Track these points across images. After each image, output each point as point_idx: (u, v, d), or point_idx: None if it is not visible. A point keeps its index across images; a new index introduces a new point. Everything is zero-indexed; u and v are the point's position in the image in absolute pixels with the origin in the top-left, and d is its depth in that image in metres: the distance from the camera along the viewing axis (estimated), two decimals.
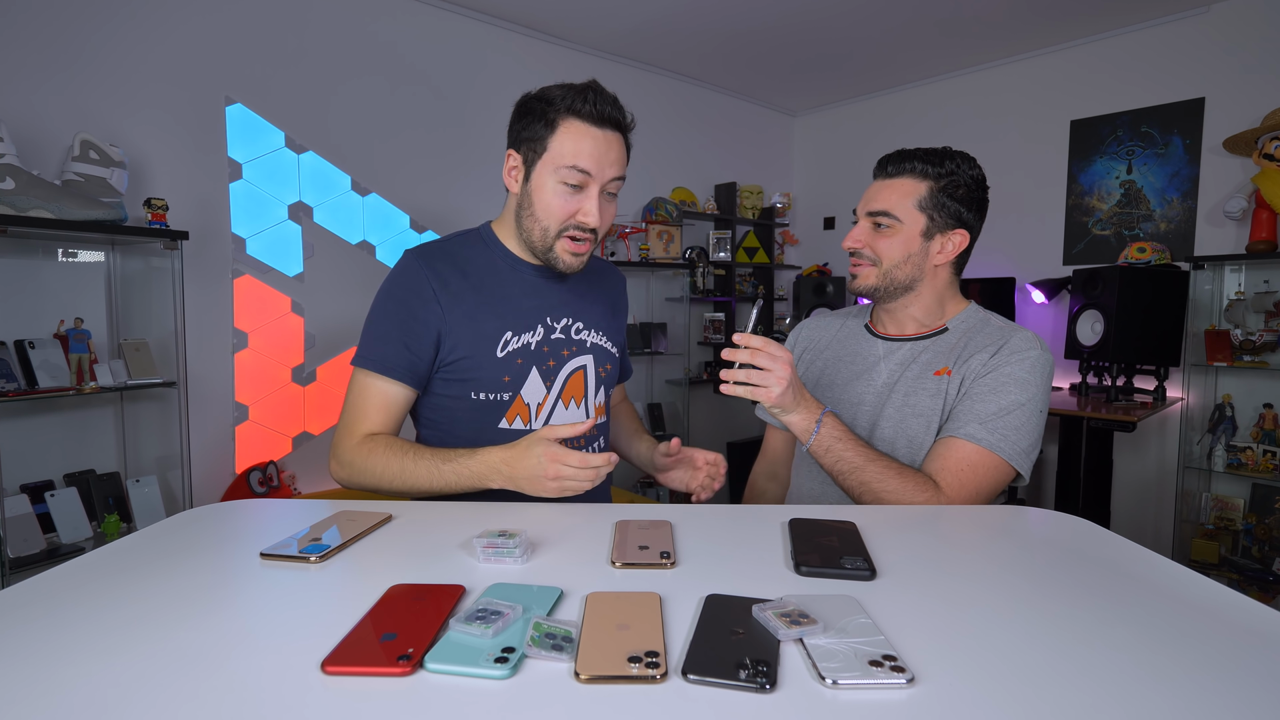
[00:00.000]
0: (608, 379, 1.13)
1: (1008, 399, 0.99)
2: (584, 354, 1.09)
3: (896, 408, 1.08)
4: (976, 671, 0.49)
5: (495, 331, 1.01)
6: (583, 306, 1.11)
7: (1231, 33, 2.82)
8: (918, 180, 1.07)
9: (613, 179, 0.99)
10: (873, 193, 1.11)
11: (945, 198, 1.07)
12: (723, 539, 0.77)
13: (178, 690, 0.45)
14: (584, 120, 0.96)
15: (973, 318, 1.13)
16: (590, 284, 1.16)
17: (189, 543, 0.75)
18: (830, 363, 1.21)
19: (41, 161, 1.96)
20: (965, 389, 1.03)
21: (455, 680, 0.47)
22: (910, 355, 1.12)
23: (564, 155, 0.96)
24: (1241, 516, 2.72)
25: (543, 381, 1.04)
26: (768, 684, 0.46)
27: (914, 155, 1.08)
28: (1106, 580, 0.66)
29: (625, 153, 1.02)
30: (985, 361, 1.03)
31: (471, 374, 1.01)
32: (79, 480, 2.03)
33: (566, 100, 0.96)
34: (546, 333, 1.05)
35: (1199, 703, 0.45)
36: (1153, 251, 2.88)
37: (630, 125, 1.02)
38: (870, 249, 1.10)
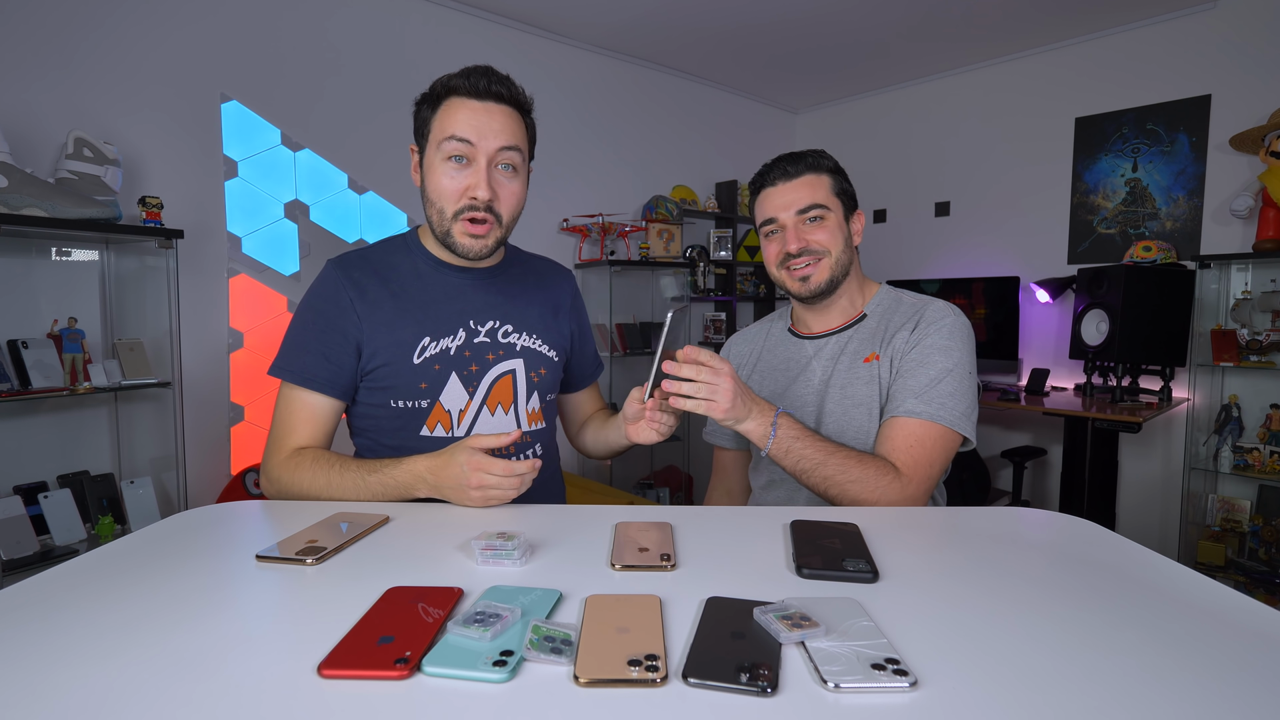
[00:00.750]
0: (542, 384, 1.09)
1: (935, 369, 1.03)
2: (512, 358, 1.06)
3: (836, 401, 1.11)
4: (980, 675, 0.48)
5: (412, 338, 1.00)
6: (513, 309, 1.08)
7: (1238, 29, 2.82)
8: (819, 173, 1.12)
9: (501, 148, 0.95)
10: (789, 193, 1.12)
11: (843, 181, 1.15)
12: (723, 541, 0.77)
13: (173, 694, 0.45)
14: (462, 95, 0.95)
15: (886, 299, 1.17)
16: (526, 285, 1.13)
17: (184, 545, 0.75)
18: (765, 374, 1.23)
19: (35, 159, 1.96)
20: (895, 368, 1.07)
21: (453, 684, 0.47)
22: (838, 348, 1.16)
23: (444, 128, 0.95)
24: (1248, 518, 2.72)
25: (464, 387, 1.01)
26: (769, 688, 0.46)
27: (800, 156, 1.13)
28: (1111, 583, 0.66)
29: (518, 126, 0.98)
30: (907, 338, 1.08)
31: (389, 381, 1.00)
32: (73, 482, 2.03)
33: (445, 80, 0.96)
34: (469, 337, 1.03)
35: (1205, 707, 0.45)
36: (1158, 250, 2.88)
37: (524, 101, 0.99)
38: (815, 243, 1.11)
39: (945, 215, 3.79)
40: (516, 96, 0.98)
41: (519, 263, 1.16)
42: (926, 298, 1.14)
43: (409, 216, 2.81)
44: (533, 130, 1.02)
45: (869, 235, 4.13)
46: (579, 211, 3.32)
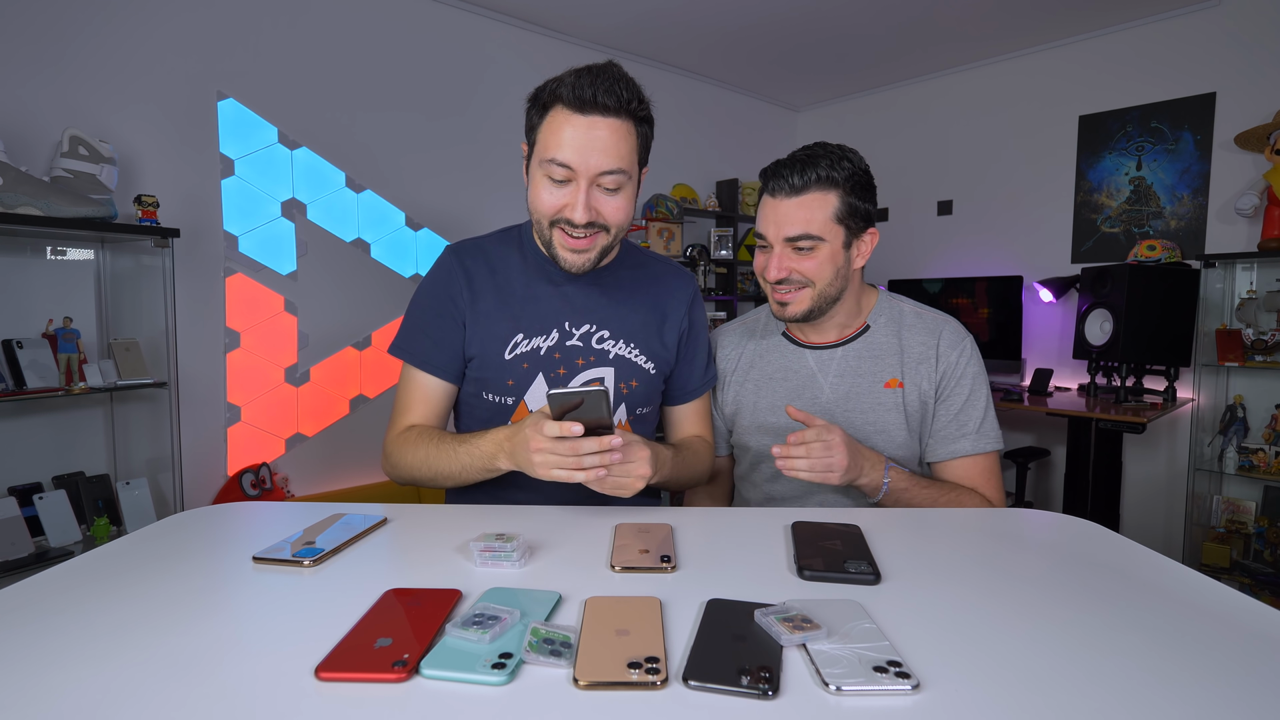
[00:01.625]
0: (633, 396, 1.05)
1: (980, 401, 1.09)
2: (603, 366, 1.03)
3: (855, 427, 1.10)
4: (983, 677, 0.49)
5: (506, 333, 1.01)
6: (613, 314, 1.04)
7: (1243, 26, 2.81)
8: (826, 191, 1.03)
9: (603, 173, 0.89)
10: (783, 214, 1.05)
11: (855, 200, 1.05)
12: (724, 542, 0.77)
13: (169, 697, 0.45)
14: (566, 106, 0.88)
15: (887, 309, 1.15)
16: (636, 289, 1.07)
17: (180, 546, 0.75)
18: (761, 382, 1.18)
19: (30, 158, 1.96)
20: (938, 400, 1.09)
21: (451, 687, 0.47)
22: (845, 364, 1.13)
23: (546, 147, 0.90)
24: (1253, 520, 2.72)
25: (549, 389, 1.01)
26: (770, 690, 0.46)
27: (812, 162, 1.03)
28: (1115, 584, 0.66)
29: (625, 142, 0.91)
30: (934, 366, 1.09)
31: (481, 373, 1.02)
32: (68, 483, 2.03)
33: (554, 84, 0.90)
34: (562, 338, 1.02)
35: (1210, 709, 0.45)
36: (1163, 249, 2.88)
37: (635, 109, 0.91)
38: (799, 273, 1.06)
39: (948, 214, 3.79)
40: (626, 105, 0.90)
41: (633, 264, 1.10)
42: (929, 310, 1.15)
43: (407, 215, 2.81)
44: (646, 138, 0.96)
45: None
46: None
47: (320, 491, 2.63)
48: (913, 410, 1.09)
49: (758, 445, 1.16)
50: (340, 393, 2.69)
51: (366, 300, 2.72)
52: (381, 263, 2.76)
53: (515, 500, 1.00)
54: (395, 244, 2.80)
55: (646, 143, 0.96)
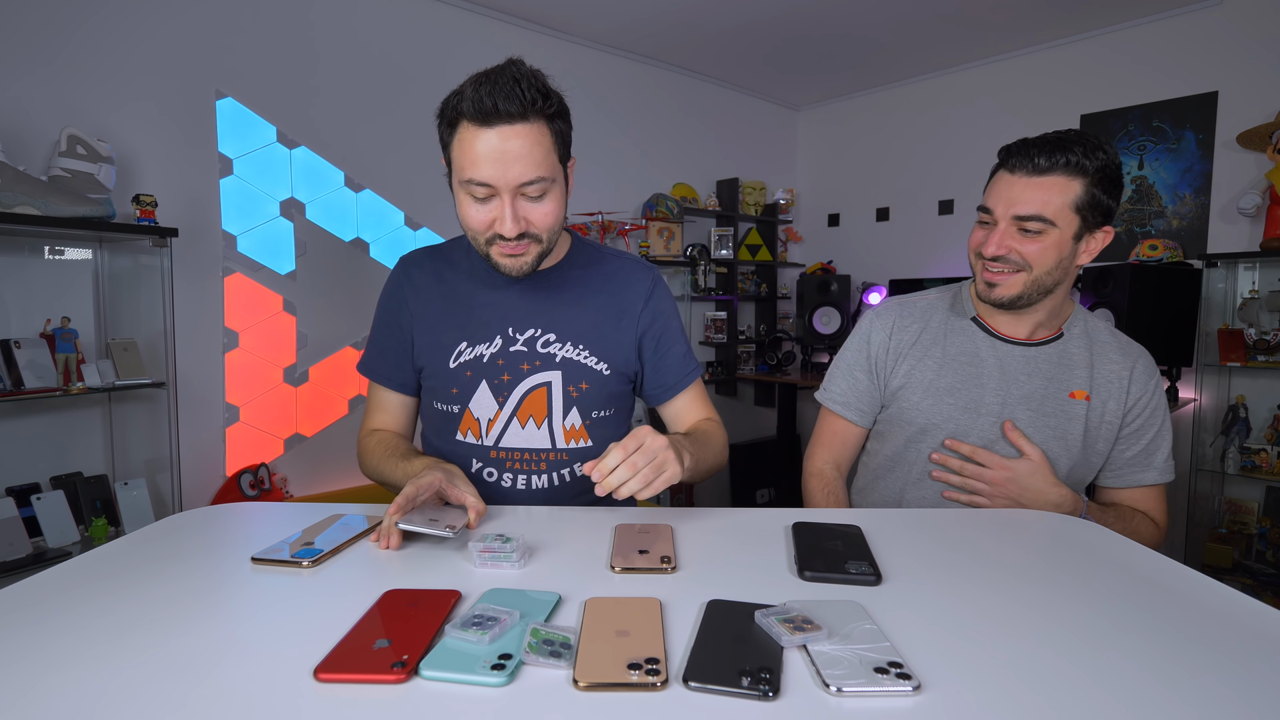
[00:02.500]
0: (584, 399, 1.02)
1: (1167, 436, 1.12)
2: (549, 370, 1.00)
3: (1034, 427, 1.08)
4: (984, 678, 0.49)
5: (451, 341, 1.01)
6: (560, 316, 1.02)
7: (1246, 25, 2.82)
8: (1071, 177, 0.98)
9: (524, 183, 0.85)
10: (1017, 192, 1.00)
11: (1100, 193, 0.99)
12: (724, 543, 0.77)
13: (167, 698, 0.45)
14: (471, 121, 0.84)
15: (1080, 322, 1.14)
16: (585, 289, 1.05)
17: (178, 547, 0.75)
18: (942, 361, 1.13)
19: (27, 157, 1.96)
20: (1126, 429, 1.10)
21: (451, 688, 0.47)
22: (1034, 364, 1.10)
23: (462, 167, 0.87)
24: (1255, 520, 2.72)
25: (493, 396, 1.00)
26: (771, 691, 0.46)
27: (1064, 146, 0.97)
28: (1117, 585, 0.66)
29: (540, 146, 0.86)
30: (1126, 389, 1.09)
31: (430, 382, 1.04)
32: (66, 483, 2.03)
33: (455, 98, 0.86)
34: (505, 344, 1.00)
35: (1212, 710, 0.45)
36: (1164, 249, 2.88)
37: (543, 108, 0.86)
38: (1018, 254, 1.01)
39: (949, 213, 3.79)
40: (532, 106, 0.84)
41: (584, 263, 1.07)
42: (1123, 335, 1.14)
43: (406, 215, 2.81)
44: (563, 134, 0.91)
45: (871, 234, 4.13)
46: (579, 209, 3.32)
47: (319, 492, 2.63)
48: (1093, 426, 1.08)
49: (925, 420, 1.13)
50: (339, 393, 2.69)
51: (365, 300, 2.72)
52: (381, 262, 2.76)
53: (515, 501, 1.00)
54: (394, 243, 2.80)
55: (564, 138, 0.92)
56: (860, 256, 4.16)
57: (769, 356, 3.86)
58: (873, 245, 4.10)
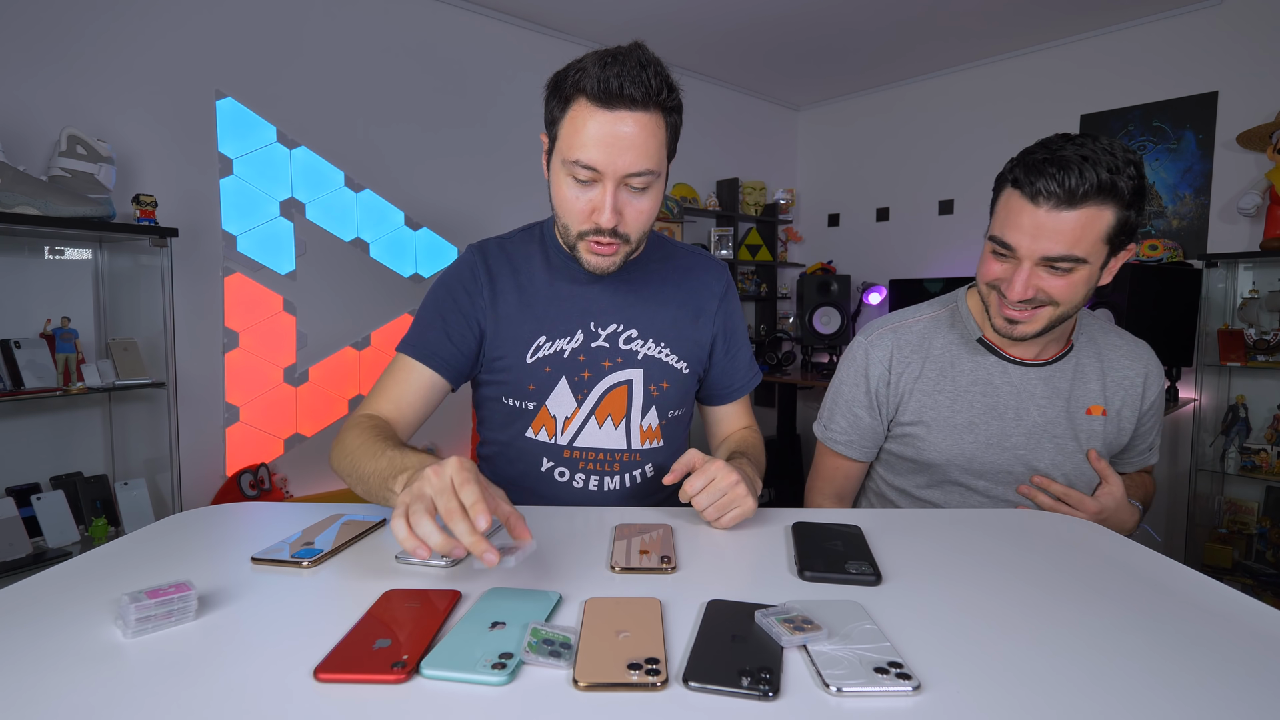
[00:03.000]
0: (663, 398, 1.00)
1: (1161, 424, 1.17)
2: (631, 367, 0.97)
3: (1065, 452, 1.06)
4: (984, 678, 0.48)
5: (530, 335, 0.96)
6: (641, 312, 0.99)
7: (1245, 25, 2.82)
8: (1102, 207, 0.86)
9: (631, 174, 0.83)
10: (1048, 228, 0.88)
11: (1132, 214, 0.89)
12: (724, 543, 0.77)
13: (166, 698, 0.45)
14: (591, 100, 0.80)
15: (1086, 329, 1.10)
16: (665, 284, 1.02)
17: (178, 547, 0.75)
18: (956, 395, 1.06)
19: (27, 157, 1.96)
20: (1139, 427, 1.12)
21: (451, 687, 0.47)
22: (1052, 385, 1.05)
23: (570, 146, 0.83)
24: (1255, 520, 2.72)
25: (573, 394, 0.96)
26: (770, 692, 0.46)
27: (1091, 165, 0.85)
28: (1117, 585, 0.66)
29: (654, 138, 0.83)
30: (1139, 397, 1.09)
31: (503, 377, 0.98)
32: (66, 483, 2.03)
33: (579, 73, 0.81)
34: (587, 340, 0.96)
35: (1212, 711, 0.45)
36: (1164, 249, 2.88)
37: (665, 100, 0.83)
38: (1044, 293, 0.92)
39: (949, 213, 3.79)
40: (656, 96, 0.81)
41: (661, 256, 1.04)
42: (1126, 334, 1.13)
43: (406, 215, 2.81)
44: (676, 129, 0.88)
45: (871, 234, 4.13)
46: None
47: (319, 492, 2.63)
48: (1111, 436, 1.08)
49: (949, 460, 1.07)
50: (339, 393, 2.69)
51: (365, 300, 2.72)
52: (380, 262, 2.76)
53: None
54: (394, 243, 2.80)
55: (676, 133, 0.88)
56: (860, 256, 4.16)
57: (769, 356, 3.86)
58: (873, 245, 4.10)
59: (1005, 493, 1.07)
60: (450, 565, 0.68)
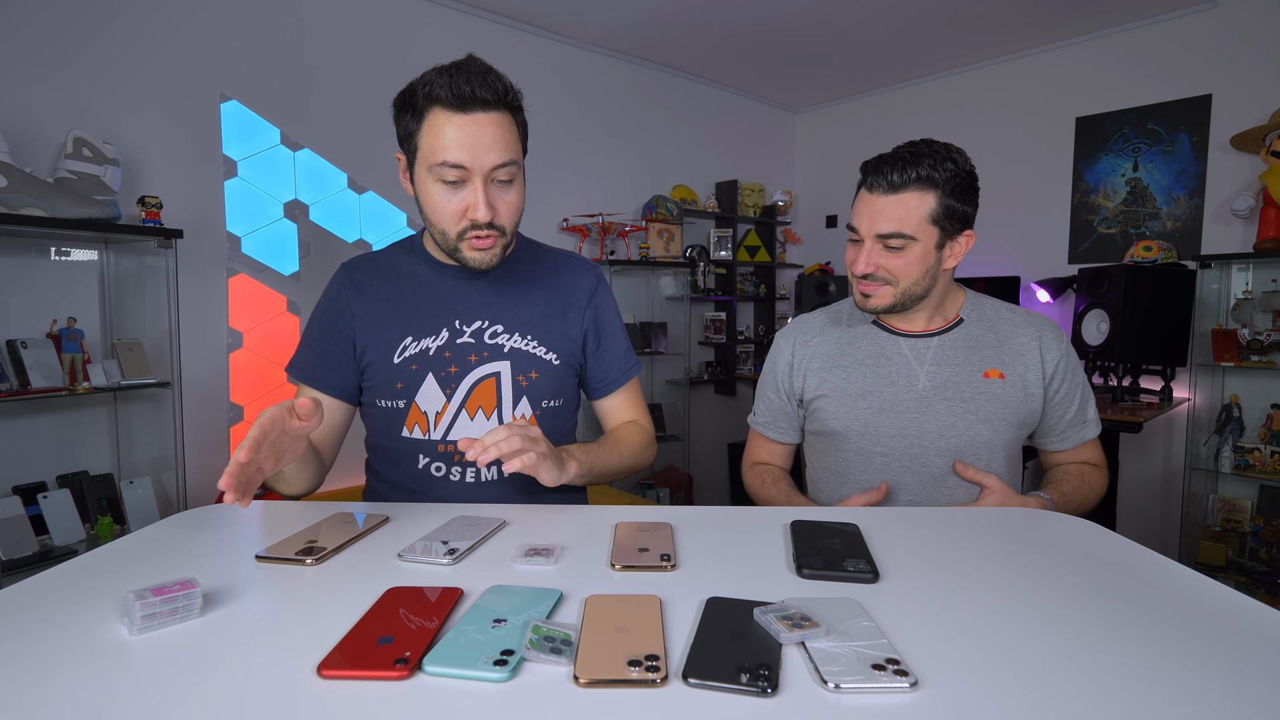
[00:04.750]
0: (534, 388, 1.02)
1: (1089, 391, 1.17)
2: (497, 360, 1.00)
3: (957, 414, 1.10)
4: (981, 675, 0.48)
5: (396, 337, 1.00)
6: (508, 308, 1.03)
7: (1239, 28, 2.82)
8: (924, 191, 1.02)
9: (497, 166, 0.89)
10: (877, 210, 1.04)
11: (954, 202, 1.04)
12: (723, 541, 0.77)
13: (171, 695, 0.45)
14: (445, 106, 0.87)
15: (977, 305, 1.18)
16: (532, 282, 1.06)
17: (183, 545, 0.75)
18: (851, 367, 1.15)
19: (34, 159, 1.96)
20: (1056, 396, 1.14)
21: (453, 684, 0.47)
22: (941, 352, 1.13)
23: (434, 151, 0.88)
24: (1249, 518, 2.72)
25: (440, 389, 0.99)
26: (769, 688, 0.46)
27: (915, 161, 1.02)
28: (1112, 583, 0.66)
29: (510, 133, 0.90)
30: (1039, 362, 1.12)
31: (373, 380, 1.01)
32: (72, 482, 2.03)
33: (428, 86, 0.88)
34: (452, 337, 1.00)
35: (1206, 707, 0.45)
36: (1159, 250, 2.88)
37: (512, 100, 0.90)
38: (885, 270, 1.06)
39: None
40: (503, 96, 0.89)
41: (531, 259, 1.09)
42: (1020, 309, 1.18)
43: (408, 217, 2.81)
44: (524, 126, 0.95)
45: None
46: (579, 211, 3.32)
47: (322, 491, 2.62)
48: (1015, 401, 1.11)
49: (846, 427, 1.15)
50: None
51: None
52: None
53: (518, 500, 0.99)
54: None
55: (525, 131, 0.95)
56: None
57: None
58: None
59: (901, 458, 1.12)
60: (452, 563, 0.68)
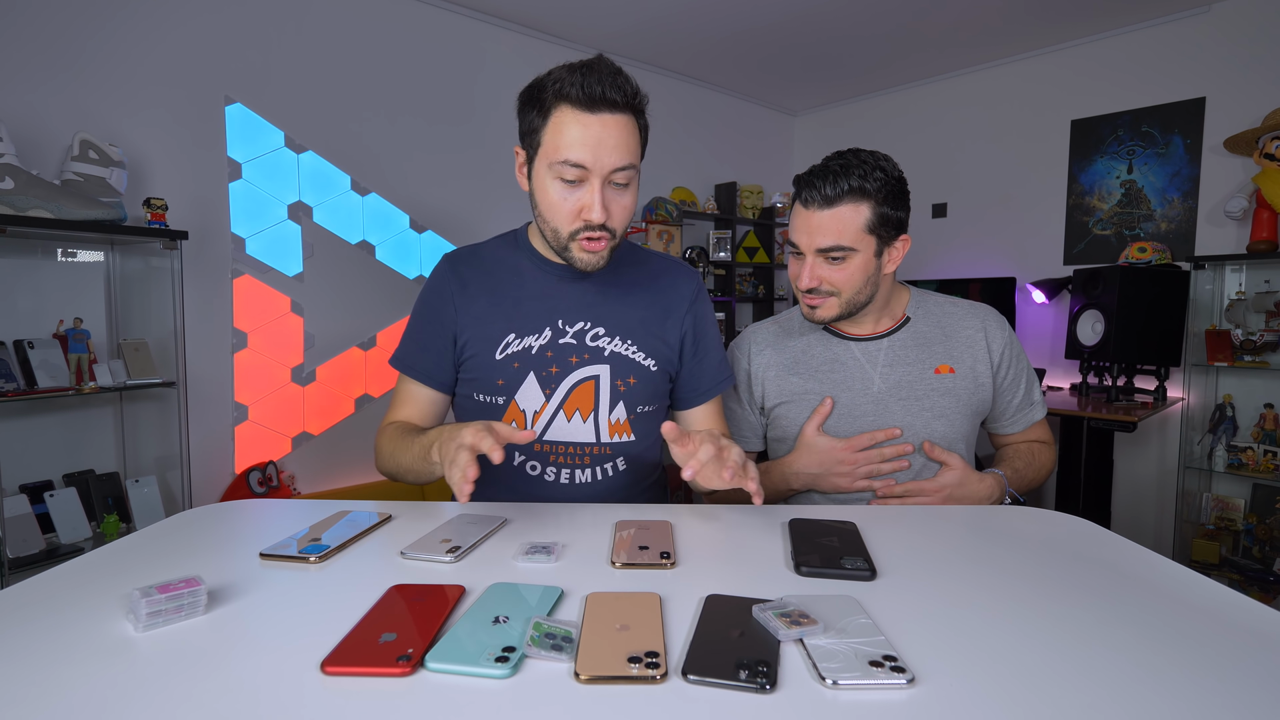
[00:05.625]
0: (631, 393, 1.01)
1: (1032, 374, 1.20)
2: (598, 363, 0.99)
3: (913, 413, 1.11)
4: (977, 672, 0.48)
5: (499, 333, 0.99)
6: (610, 311, 1.01)
7: (1232, 32, 2.82)
8: (858, 203, 1.03)
9: (616, 169, 0.88)
10: (815, 225, 1.05)
11: (887, 209, 1.04)
12: (723, 539, 0.77)
13: (177, 690, 0.45)
14: (574, 105, 0.86)
15: (922, 302, 1.19)
16: (634, 286, 1.05)
17: (188, 543, 0.75)
18: (807, 374, 1.16)
19: (41, 161, 1.96)
20: (1005, 382, 1.16)
21: (455, 680, 0.47)
22: (892, 353, 1.14)
23: (557, 149, 0.87)
24: (1242, 517, 2.72)
25: (541, 388, 0.98)
26: (768, 684, 0.46)
27: (845, 173, 1.02)
28: (1107, 581, 0.66)
29: (633, 137, 0.90)
30: (985, 350, 1.14)
31: (473, 374, 1.00)
32: (78, 480, 2.03)
33: (557, 83, 0.87)
34: (555, 336, 0.99)
35: (1199, 704, 0.45)
36: (1153, 251, 2.88)
37: (638, 104, 0.90)
38: (828, 283, 1.07)
39: (942, 216, 3.80)
40: (630, 98, 0.88)
41: (633, 262, 1.07)
42: (962, 300, 1.19)
43: (411, 218, 2.81)
44: (646, 130, 0.94)
45: None
46: None
47: (326, 489, 2.63)
48: (967, 393, 1.13)
49: None
50: (345, 392, 2.69)
51: (371, 301, 2.72)
52: (386, 264, 2.76)
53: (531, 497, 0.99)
54: (399, 246, 2.80)
55: (646, 135, 0.94)
56: None
57: None
58: None
59: None
60: (454, 561, 0.68)
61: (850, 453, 1.07)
